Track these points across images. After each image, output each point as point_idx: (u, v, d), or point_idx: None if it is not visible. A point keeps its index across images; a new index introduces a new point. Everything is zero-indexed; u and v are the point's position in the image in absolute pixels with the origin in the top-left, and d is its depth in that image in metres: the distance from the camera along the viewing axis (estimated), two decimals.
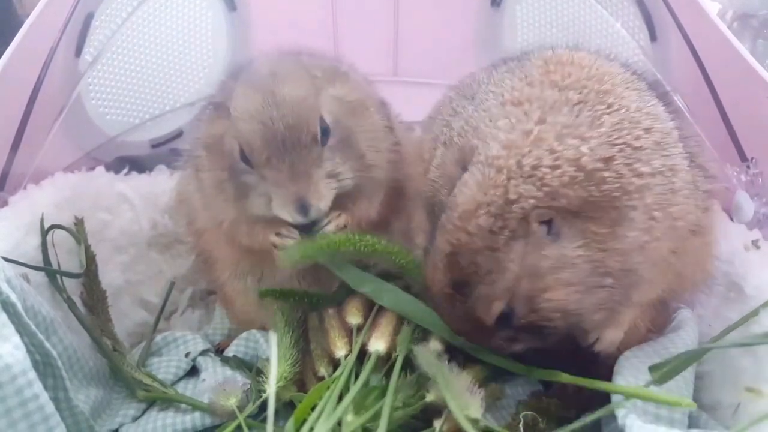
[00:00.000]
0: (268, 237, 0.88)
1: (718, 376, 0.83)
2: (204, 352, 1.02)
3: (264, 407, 0.81)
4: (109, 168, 1.19)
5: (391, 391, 0.71)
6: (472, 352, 0.76)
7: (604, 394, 0.78)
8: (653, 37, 1.15)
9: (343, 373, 0.76)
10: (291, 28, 1.42)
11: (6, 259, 0.81)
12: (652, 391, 0.69)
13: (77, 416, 0.77)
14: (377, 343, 0.78)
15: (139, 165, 1.26)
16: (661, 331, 0.90)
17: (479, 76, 0.88)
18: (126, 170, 1.22)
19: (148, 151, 1.35)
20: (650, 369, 0.70)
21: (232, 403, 0.81)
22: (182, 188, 1.08)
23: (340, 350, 0.81)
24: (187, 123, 1.33)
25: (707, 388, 0.84)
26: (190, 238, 1.12)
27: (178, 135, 1.37)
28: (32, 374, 0.67)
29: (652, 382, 0.70)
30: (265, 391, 0.78)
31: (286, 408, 0.83)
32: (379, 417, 0.68)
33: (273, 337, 0.67)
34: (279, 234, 0.86)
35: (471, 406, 0.66)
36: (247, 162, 0.83)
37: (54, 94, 1.10)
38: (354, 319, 0.83)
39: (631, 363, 0.79)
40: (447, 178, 0.73)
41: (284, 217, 0.82)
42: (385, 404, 0.69)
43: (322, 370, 0.82)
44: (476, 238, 0.65)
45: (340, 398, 0.72)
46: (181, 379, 0.98)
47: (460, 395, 0.67)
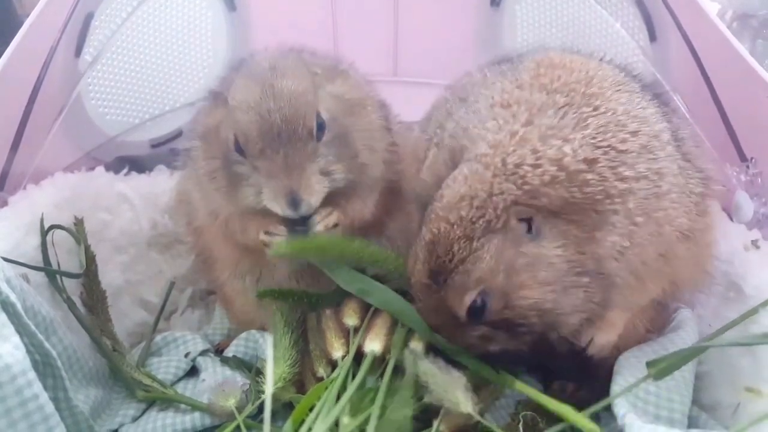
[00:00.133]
0: (259, 234, 0.87)
1: (717, 377, 0.83)
2: (204, 353, 1.02)
3: (263, 407, 0.81)
4: (108, 168, 1.19)
5: (383, 392, 0.71)
6: (451, 354, 0.75)
7: (604, 394, 0.78)
8: (653, 37, 1.15)
9: (340, 374, 0.76)
10: (291, 28, 1.42)
11: (6, 259, 0.81)
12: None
13: (77, 416, 0.77)
14: (372, 344, 0.78)
15: (138, 165, 1.26)
16: (660, 331, 0.90)
17: (474, 77, 0.89)
18: (126, 170, 1.22)
19: (147, 151, 1.35)
20: (648, 364, 0.70)
21: (231, 403, 0.81)
22: (182, 188, 1.08)
23: (337, 351, 0.81)
24: (186, 123, 1.33)
25: (707, 389, 0.84)
26: (190, 237, 1.12)
27: (178, 135, 1.37)
28: (32, 374, 0.67)
29: (649, 376, 0.70)
30: (264, 392, 0.78)
31: (285, 408, 0.83)
32: (377, 418, 0.68)
33: (269, 339, 0.68)
34: (268, 232, 0.86)
35: (462, 402, 0.66)
36: (240, 152, 0.83)
37: (54, 94, 1.10)
38: (351, 320, 0.83)
39: (631, 363, 0.79)
40: (437, 178, 0.73)
41: (274, 209, 0.82)
42: (375, 406, 0.69)
43: (321, 371, 0.82)
44: (456, 227, 0.66)
45: (338, 399, 0.72)
46: (180, 380, 0.98)
47: (452, 392, 0.67)
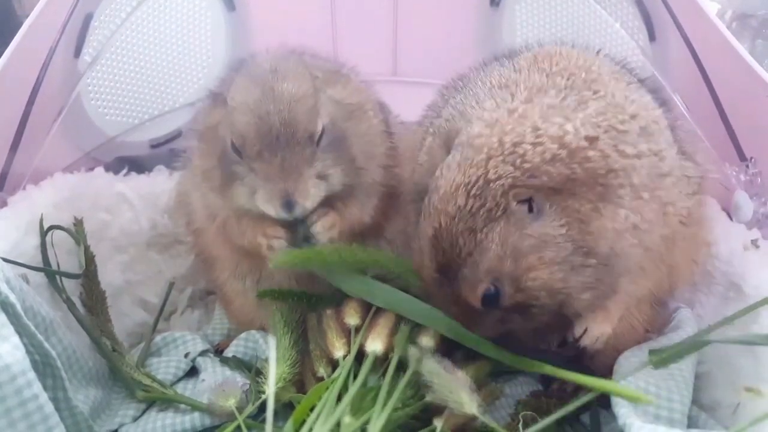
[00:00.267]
0: (256, 237, 0.87)
1: (717, 376, 0.83)
2: (203, 353, 1.02)
3: (263, 407, 0.81)
4: (108, 168, 1.19)
5: (384, 392, 0.71)
6: (469, 344, 0.75)
7: (604, 394, 0.79)
8: (652, 37, 1.15)
9: (342, 373, 0.76)
10: (290, 29, 1.42)
11: (5, 260, 0.81)
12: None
13: (77, 416, 0.77)
14: (374, 344, 0.78)
15: (138, 165, 1.26)
16: (660, 331, 0.90)
17: (471, 73, 0.90)
18: (125, 170, 1.22)
19: (147, 152, 1.35)
20: (650, 353, 0.70)
21: (231, 403, 0.81)
22: (182, 188, 1.08)
23: (339, 351, 0.81)
24: (186, 123, 1.33)
25: (707, 388, 0.84)
26: (189, 237, 1.12)
27: (178, 135, 1.37)
28: (31, 374, 0.67)
29: (649, 364, 0.70)
30: (265, 392, 0.78)
31: (285, 409, 0.83)
32: (378, 419, 0.68)
33: (272, 340, 0.67)
34: (265, 234, 0.86)
35: (466, 402, 0.66)
36: (237, 152, 0.83)
37: (53, 94, 1.10)
38: (352, 319, 0.83)
39: (631, 363, 0.79)
40: (433, 165, 0.73)
41: (268, 212, 0.81)
42: (377, 405, 0.68)
43: (321, 371, 0.82)
44: (456, 219, 0.66)
45: (339, 399, 0.72)
46: (180, 380, 0.98)
47: (456, 393, 0.67)
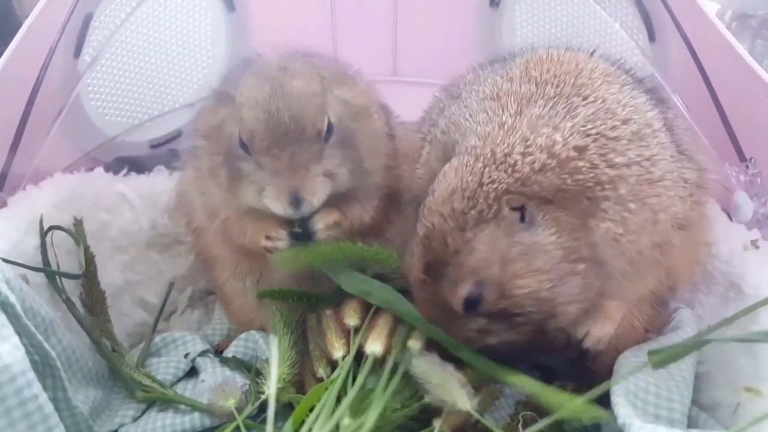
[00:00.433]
0: (258, 238, 0.87)
1: (717, 377, 0.83)
2: (203, 353, 1.02)
3: (263, 408, 0.81)
4: (108, 168, 1.19)
5: (380, 393, 0.71)
6: (451, 349, 0.75)
7: (604, 394, 0.78)
8: (652, 37, 1.15)
9: (341, 374, 0.76)
10: (290, 29, 1.42)
11: (5, 260, 0.81)
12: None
13: (76, 416, 0.77)
14: (374, 345, 0.78)
15: (138, 165, 1.26)
16: (660, 331, 0.90)
17: (467, 76, 0.90)
18: (125, 171, 1.22)
19: (147, 152, 1.35)
20: (649, 353, 0.70)
21: (230, 404, 0.81)
22: (182, 188, 1.08)
23: (338, 351, 0.81)
24: (186, 123, 1.33)
25: (706, 389, 0.84)
26: (189, 237, 1.12)
27: (177, 135, 1.37)
28: (31, 375, 0.67)
29: (648, 364, 0.69)
30: (264, 392, 0.78)
31: (284, 409, 0.82)
32: (378, 420, 0.68)
33: (273, 341, 0.68)
34: (269, 237, 0.86)
35: (460, 399, 0.66)
36: (245, 148, 0.83)
37: (53, 94, 1.10)
38: (351, 320, 0.83)
39: (631, 363, 0.79)
40: (431, 175, 0.74)
41: (275, 209, 0.81)
42: (373, 407, 0.68)
43: (321, 371, 0.82)
44: (448, 219, 0.67)
45: (339, 399, 0.72)
46: (180, 380, 0.98)
47: (449, 390, 0.67)
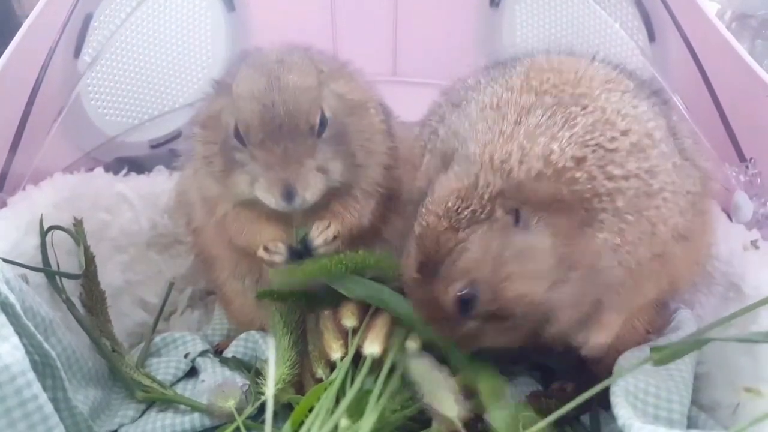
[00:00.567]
0: (256, 242, 0.87)
1: (716, 377, 0.83)
2: (203, 353, 1.02)
3: (263, 408, 0.81)
4: (108, 168, 1.19)
5: (376, 394, 0.71)
6: (445, 351, 0.75)
7: (604, 394, 0.78)
8: (652, 37, 1.14)
9: (339, 375, 0.76)
10: (290, 29, 1.41)
11: (5, 260, 0.81)
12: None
13: (76, 417, 0.77)
14: (372, 346, 0.78)
15: (138, 165, 1.26)
16: (660, 332, 0.90)
17: (468, 80, 0.90)
18: (125, 171, 1.22)
19: (147, 152, 1.35)
20: (652, 350, 0.70)
21: (230, 404, 0.81)
22: (181, 188, 1.08)
23: (336, 352, 0.80)
24: (186, 124, 1.33)
25: (706, 389, 0.84)
26: (189, 237, 1.12)
27: (177, 135, 1.37)
28: (31, 375, 0.67)
29: (650, 361, 0.69)
30: (264, 393, 0.78)
31: (284, 409, 0.83)
32: (376, 422, 0.68)
33: (271, 341, 0.68)
34: (267, 249, 0.86)
35: (448, 407, 0.67)
36: (240, 139, 0.83)
37: (53, 94, 1.10)
38: (349, 321, 0.82)
39: (630, 364, 0.79)
40: (430, 183, 0.74)
41: (267, 201, 0.81)
42: (368, 407, 0.68)
43: (320, 372, 0.82)
44: (442, 219, 0.67)
45: (338, 400, 0.72)
46: (180, 380, 0.98)
47: (440, 396, 0.67)
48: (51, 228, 0.95)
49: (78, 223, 1.02)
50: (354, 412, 0.71)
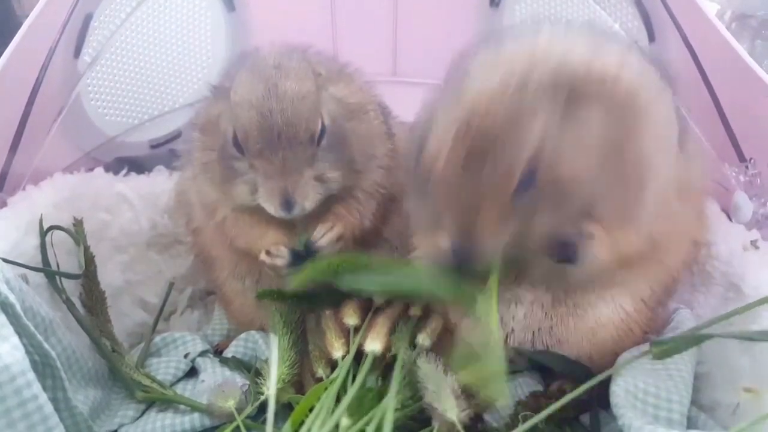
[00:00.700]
0: (257, 245, 0.87)
1: (716, 377, 0.83)
2: (203, 353, 1.03)
3: (263, 408, 0.81)
4: (108, 168, 1.19)
5: (390, 394, 0.71)
6: (467, 304, 0.72)
7: (603, 395, 0.79)
8: (651, 37, 1.15)
9: (340, 374, 0.76)
10: (290, 29, 1.41)
11: (5, 260, 0.81)
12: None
13: (76, 417, 0.77)
14: (373, 344, 0.78)
15: (138, 166, 1.26)
16: (659, 332, 0.90)
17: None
18: (125, 171, 1.22)
19: (147, 152, 1.35)
20: (652, 344, 0.70)
21: (230, 404, 0.81)
22: (181, 188, 1.08)
23: (338, 351, 0.81)
24: (186, 124, 1.33)
25: (706, 389, 0.84)
26: (189, 237, 1.12)
27: (177, 136, 1.37)
28: (31, 375, 0.67)
29: (649, 352, 0.70)
30: (264, 393, 0.79)
31: (284, 409, 0.83)
32: (375, 420, 0.68)
33: (273, 340, 0.67)
34: (269, 253, 0.86)
35: (449, 409, 0.66)
36: (239, 147, 0.83)
37: (53, 94, 1.10)
38: (351, 319, 0.83)
39: (630, 363, 0.79)
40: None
41: (268, 209, 0.82)
42: (379, 408, 0.68)
43: (320, 371, 0.82)
44: (496, 100, 0.66)
45: (338, 399, 0.72)
46: (180, 380, 0.98)
47: (443, 397, 0.67)
48: (51, 228, 0.95)
49: (78, 223, 1.02)
50: (355, 411, 0.71)
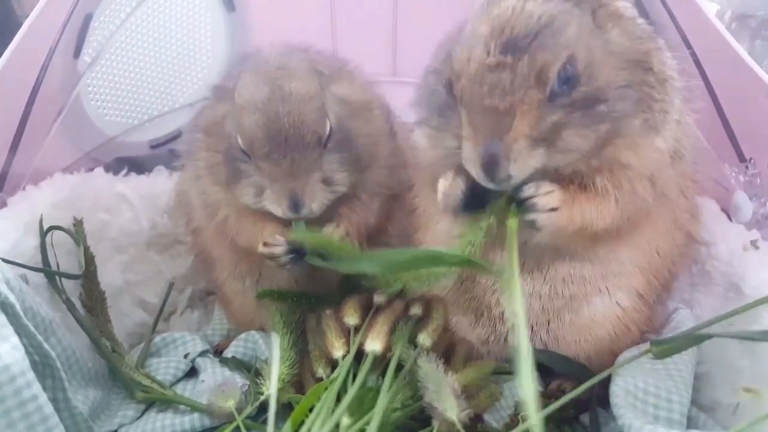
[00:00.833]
0: (257, 241, 0.87)
1: (716, 377, 0.83)
2: (203, 353, 1.03)
3: (262, 408, 0.81)
4: (108, 169, 1.19)
5: (384, 391, 0.71)
6: (483, 271, 0.72)
7: (603, 394, 0.79)
8: None
9: (341, 373, 0.76)
10: (290, 29, 1.41)
11: (5, 260, 0.81)
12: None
13: (76, 417, 0.77)
14: (374, 344, 0.78)
15: (138, 166, 1.26)
16: (658, 332, 0.90)
17: None
18: (125, 171, 1.22)
19: (147, 152, 1.35)
20: (652, 343, 0.70)
21: (230, 404, 0.81)
22: (181, 188, 1.08)
23: (338, 351, 0.81)
24: (185, 124, 1.33)
25: (706, 389, 0.84)
26: (189, 237, 1.12)
27: (177, 136, 1.37)
28: (31, 375, 0.67)
29: (649, 351, 0.70)
30: (264, 393, 0.78)
31: (284, 409, 0.83)
32: (376, 419, 0.68)
33: (275, 339, 0.67)
34: (267, 244, 0.86)
35: (449, 408, 0.67)
36: (244, 151, 0.83)
37: (53, 94, 1.10)
38: (351, 319, 0.83)
39: (630, 363, 0.79)
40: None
41: (275, 212, 0.82)
42: (378, 407, 0.68)
43: (320, 371, 0.82)
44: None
45: (339, 399, 0.72)
46: (180, 380, 0.98)
47: (444, 397, 0.67)
48: (51, 228, 0.95)
49: (78, 223, 1.02)
50: (355, 410, 0.71)
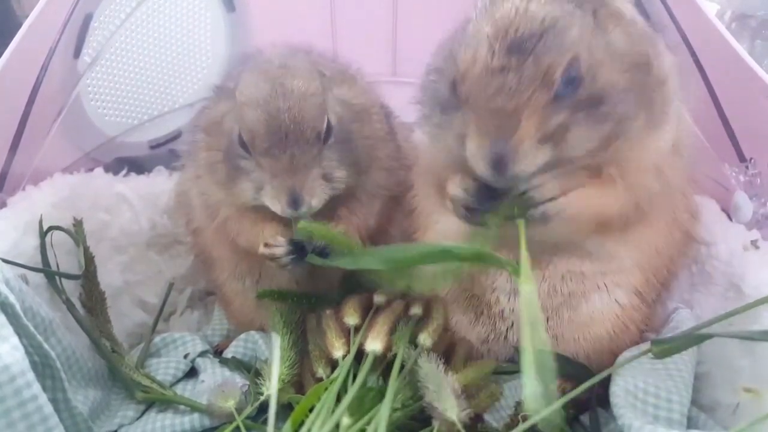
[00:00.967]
0: (257, 241, 0.87)
1: (716, 377, 0.83)
2: (203, 353, 1.03)
3: (262, 408, 0.81)
4: (107, 169, 1.19)
5: (389, 396, 0.71)
6: (492, 262, 0.70)
7: (603, 394, 0.79)
8: None
9: (341, 373, 0.76)
10: (290, 29, 1.41)
11: (5, 260, 0.81)
12: None
13: (76, 417, 0.77)
14: (374, 344, 0.78)
15: (137, 166, 1.26)
16: (657, 332, 0.90)
17: None
18: (125, 171, 1.22)
19: (146, 152, 1.35)
20: (652, 343, 0.71)
21: (230, 404, 0.81)
22: (181, 188, 1.08)
23: (338, 351, 0.81)
24: (185, 124, 1.33)
25: (706, 389, 0.84)
26: (189, 237, 1.12)
27: (177, 136, 1.37)
28: (31, 375, 0.67)
29: (649, 351, 0.70)
30: (264, 393, 0.78)
31: (284, 409, 0.82)
32: (375, 419, 0.68)
33: (275, 339, 0.67)
34: (267, 245, 0.86)
35: (449, 408, 0.67)
36: (245, 147, 0.83)
37: (53, 95, 1.10)
38: (351, 319, 0.83)
39: (630, 363, 0.79)
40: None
41: (273, 208, 0.82)
42: (383, 410, 0.68)
43: (320, 371, 0.82)
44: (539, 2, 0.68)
45: (339, 399, 0.72)
46: (179, 381, 0.98)
47: (444, 397, 0.67)
48: (50, 228, 0.95)
49: (78, 224, 1.02)
50: (355, 410, 0.71)
